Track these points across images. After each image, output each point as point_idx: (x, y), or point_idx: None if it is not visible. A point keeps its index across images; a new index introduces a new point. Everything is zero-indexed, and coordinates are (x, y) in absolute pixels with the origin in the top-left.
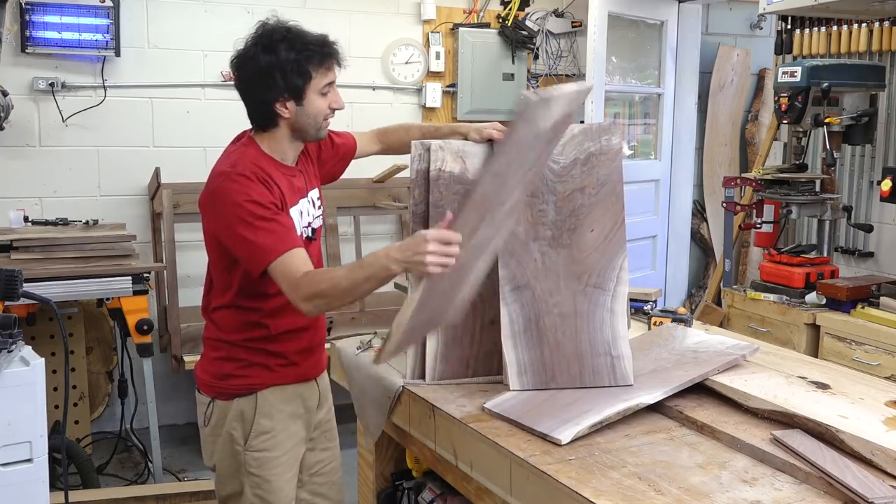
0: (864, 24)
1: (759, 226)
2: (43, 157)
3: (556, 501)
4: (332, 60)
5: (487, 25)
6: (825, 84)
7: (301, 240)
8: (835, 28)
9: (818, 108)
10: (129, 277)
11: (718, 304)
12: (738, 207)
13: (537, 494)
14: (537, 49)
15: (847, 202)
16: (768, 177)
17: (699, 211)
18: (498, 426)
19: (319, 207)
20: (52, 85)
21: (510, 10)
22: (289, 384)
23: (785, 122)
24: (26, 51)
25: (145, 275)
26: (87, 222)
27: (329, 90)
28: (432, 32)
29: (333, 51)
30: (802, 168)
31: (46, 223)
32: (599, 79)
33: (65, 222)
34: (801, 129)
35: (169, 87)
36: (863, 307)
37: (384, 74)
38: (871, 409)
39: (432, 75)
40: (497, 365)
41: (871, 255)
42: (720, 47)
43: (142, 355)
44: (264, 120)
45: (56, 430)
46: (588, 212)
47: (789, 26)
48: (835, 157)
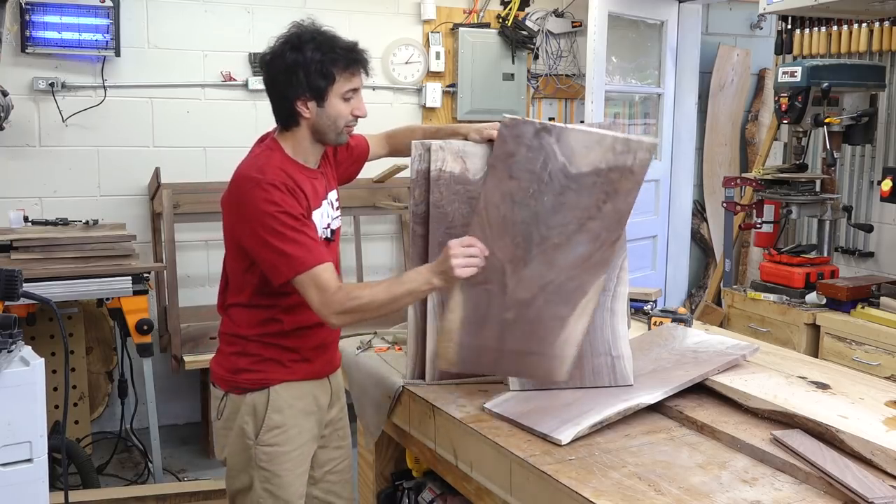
0: (864, 24)
1: (759, 226)
2: (43, 157)
3: (556, 501)
4: (358, 67)
5: (487, 25)
6: (825, 84)
7: (323, 245)
8: (835, 28)
9: (818, 108)
10: (129, 277)
11: (718, 304)
12: (738, 207)
13: (537, 494)
14: (537, 49)
15: (847, 202)
16: (768, 177)
17: (699, 211)
18: (498, 426)
19: (337, 209)
20: (52, 85)
21: (510, 10)
22: (301, 381)
23: (785, 122)
24: (26, 51)
25: (145, 275)
26: (87, 222)
27: (352, 96)
28: (432, 32)
29: (360, 58)
30: (802, 168)
31: (46, 223)
32: (599, 79)
33: (65, 222)
34: (801, 129)
35: (169, 87)
36: (863, 307)
37: (384, 74)
38: (871, 409)
39: (432, 75)
40: None
41: (871, 255)
42: (720, 47)
43: (142, 355)
44: (286, 118)
45: (56, 430)
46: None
47: (789, 26)
48: (835, 157)
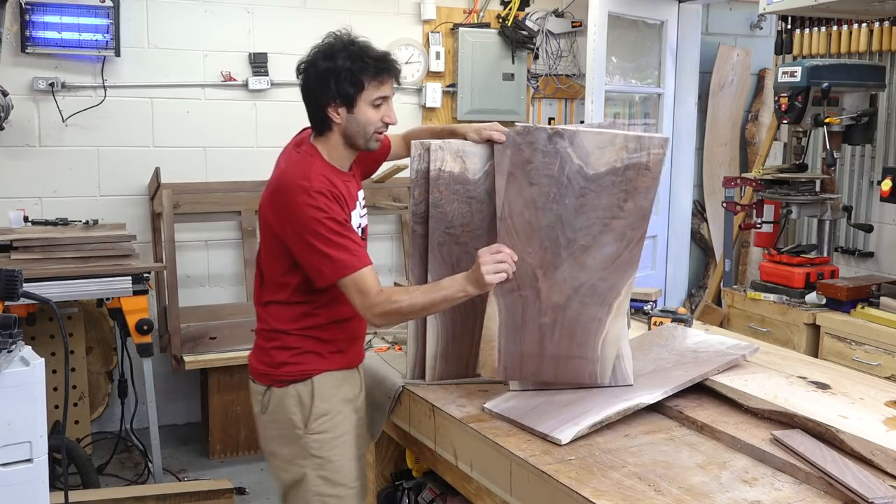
0: (864, 24)
1: (759, 226)
2: (43, 157)
3: (556, 501)
4: (388, 76)
5: (487, 25)
6: (825, 84)
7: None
8: (835, 28)
9: (818, 108)
10: (129, 277)
11: (718, 304)
12: (738, 207)
13: (537, 494)
14: (537, 49)
15: (847, 202)
16: (768, 177)
17: (699, 211)
18: (498, 426)
19: (364, 206)
20: (52, 85)
21: (510, 10)
22: (337, 370)
23: (785, 122)
24: (26, 51)
25: (145, 275)
26: (87, 222)
27: (382, 103)
28: (432, 32)
29: (390, 66)
30: (802, 168)
31: (46, 223)
32: (599, 79)
33: (65, 222)
34: (801, 129)
35: (169, 87)
36: (863, 307)
37: None
38: (871, 409)
39: (432, 75)
40: None
41: (871, 255)
42: (720, 47)
43: (142, 355)
44: (319, 123)
45: (56, 430)
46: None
47: (789, 26)
48: (835, 157)
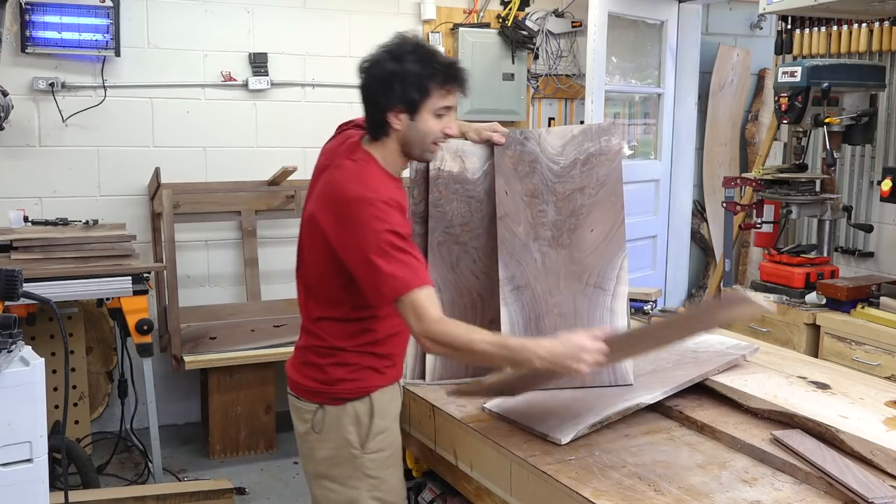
0: (864, 24)
1: (759, 226)
2: (43, 157)
3: (556, 501)
4: (456, 85)
5: (487, 25)
6: (825, 84)
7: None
8: (835, 28)
9: (818, 108)
10: (129, 277)
11: None
12: (738, 207)
13: (537, 494)
14: (537, 49)
15: (847, 202)
16: (768, 177)
17: (699, 211)
18: (498, 426)
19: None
20: (52, 85)
21: (510, 10)
22: (389, 385)
23: (785, 122)
24: (26, 51)
25: (145, 275)
26: (87, 222)
27: (445, 114)
28: (432, 32)
29: (459, 76)
30: (802, 168)
31: (46, 223)
32: (599, 79)
33: (65, 222)
34: (801, 129)
35: (169, 87)
36: (863, 307)
37: None
38: (871, 409)
39: None
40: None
41: (871, 255)
42: (720, 47)
43: (142, 355)
44: (377, 127)
45: (56, 430)
46: (588, 212)
47: (789, 26)
48: (835, 157)
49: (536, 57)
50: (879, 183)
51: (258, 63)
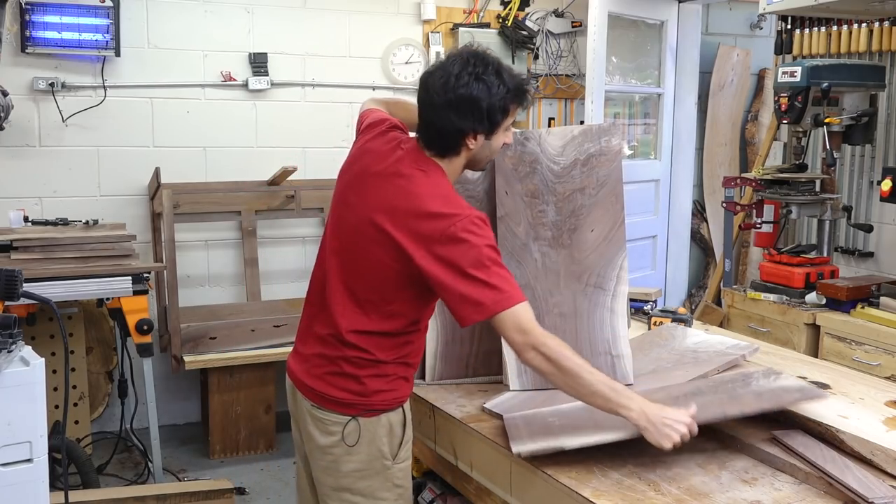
0: (864, 24)
1: (759, 226)
2: (43, 157)
3: (556, 501)
4: (529, 101)
5: (487, 25)
6: (825, 84)
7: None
8: (835, 28)
9: (818, 108)
10: (129, 277)
11: (718, 304)
12: (738, 207)
13: (537, 494)
14: (537, 49)
15: (847, 202)
16: (768, 177)
17: (699, 211)
18: (498, 426)
19: None
20: (52, 85)
21: (510, 10)
22: (410, 392)
23: (785, 122)
24: (26, 51)
25: (145, 275)
26: (87, 222)
27: (510, 127)
28: (432, 32)
29: (529, 91)
30: (802, 168)
31: (46, 223)
32: (599, 79)
33: (65, 222)
34: (801, 129)
35: (169, 87)
36: (863, 307)
37: (384, 74)
38: (871, 409)
39: None
40: (497, 365)
41: (871, 255)
42: (720, 47)
43: (142, 355)
44: (447, 147)
45: (56, 430)
46: (588, 212)
47: (789, 26)
48: (835, 157)
49: (536, 57)
50: (879, 183)
51: (258, 63)
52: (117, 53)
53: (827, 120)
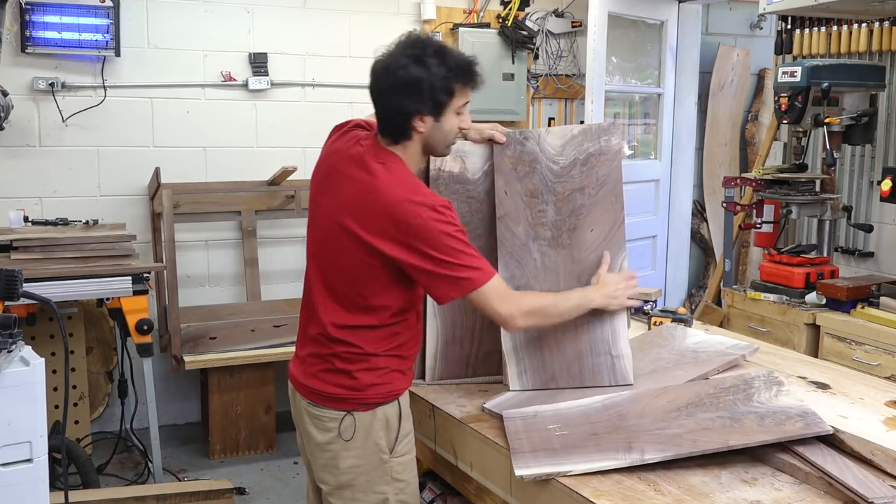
0: (864, 24)
1: (759, 226)
2: (43, 157)
3: (556, 501)
4: (476, 81)
5: (487, 25)
6: (825, 84)
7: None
8: (835, 28)
9: (818, 108)
10: (129, 277)
11: (718, 304)
12: (738, 207)
13: (537, 494)
14: (537, 49)
15: (847, 202)
16: (768, 177)
17: (699, 211)
18: (498, 426)
19: None
20: (52, 85)
21: (510, 10)
22: (409, 386)
23: (785, 122)
24: (26, 51)
25: (145, 275)
26: (87, 222)
27: (463, 110)
28: (432, 32)
29: (477, 72)
30: (802, 168)
31: (46, 223)
32: (599, 79)
33: (65, 222)
34: (801, 129)
35: (169, 87)
36: (863, 307)
37: None
38: (871, 409)
39: None
40: (497, 365)
41: (871, 255)
42: (720, 47)
43: (142, 355)
44: (398, 131)
45: (56, 430)
46: (588, 212)
47: (789, 26)
48: (835, 157)
49: (536, 57)
50: (879, 183)
51: (258, 63)
52: (117, 53)
53: (827, 120)
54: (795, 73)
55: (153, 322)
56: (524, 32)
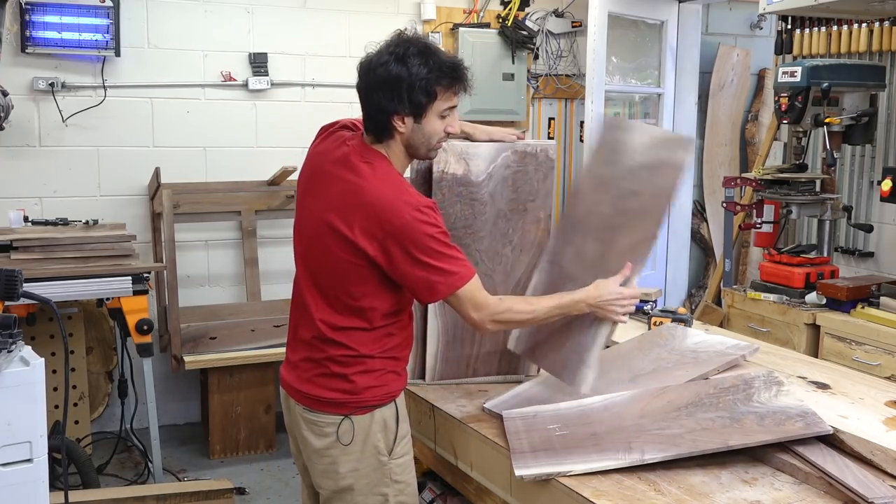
0: (864, 24)
1: (759, 226)
2: (43, 157)
3: (556, 501)
4: (461, 86)
5: (487, 25)
6: (825, 84)
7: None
8: (835, 28)
9: (818, 108)
10: (129, 277)
11: (718, 304)
12: (738, 207)
13: (537, 494)
14: (537, 49)
15: (847, 202)
16: (768, 177)
17: (699, 211)
18: (498, 426)
19: None
20: (52, 85)
21: (510, 10)
22: (403, 387)
23: (785, 122)
24: (26, 51)
25: (145, 275)
26: (87, 222)
27: (449, 114)
28: (432, 32)
29: (463, 76)
30: (802, 168)
31: (46, 223)
32: (599, 79)
33: (65, 222)
34: (801, 129)
35: (169, 87)
36: (863, 307)
37: None
38: (871, 409)
39: None
40: (497, 365)
41: (871, 255)
42: (720, 47)
43: (142, 355)
44: (379, 130)
45: (56, 430)
46: (632, 217)
47: (789, 26)
48: (835, 157)
49: (536, 57)
50: (879, 183)
51: (258, 63)
52: (117, 53)
53: (827, 120)
54: (795, 73)
55: (153, 322)
56: (524, 32)
